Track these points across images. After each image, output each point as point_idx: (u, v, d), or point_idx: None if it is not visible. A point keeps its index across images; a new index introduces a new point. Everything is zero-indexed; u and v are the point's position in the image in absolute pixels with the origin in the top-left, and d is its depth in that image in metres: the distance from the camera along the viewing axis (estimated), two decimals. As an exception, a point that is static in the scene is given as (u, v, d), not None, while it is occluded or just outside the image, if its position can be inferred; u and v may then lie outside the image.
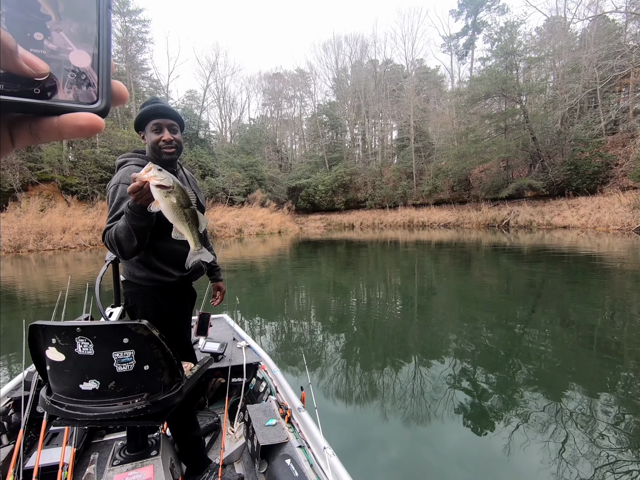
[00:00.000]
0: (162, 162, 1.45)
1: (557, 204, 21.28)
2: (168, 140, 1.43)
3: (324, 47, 43.87)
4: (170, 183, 1.04)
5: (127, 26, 31.34)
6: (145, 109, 1.44)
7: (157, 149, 1.45)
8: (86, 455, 1.81)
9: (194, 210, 1.12)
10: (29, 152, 20.16)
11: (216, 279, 1.91)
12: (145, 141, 1.49)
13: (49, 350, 1.13)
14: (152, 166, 1.04)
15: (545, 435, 2.39)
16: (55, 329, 1.11)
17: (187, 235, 1.12)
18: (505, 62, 23.30)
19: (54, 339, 1.11)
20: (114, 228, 1.24)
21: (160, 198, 1.04)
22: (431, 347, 4.22)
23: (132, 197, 1.10)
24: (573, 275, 8.00)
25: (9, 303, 6.96)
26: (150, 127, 1.43)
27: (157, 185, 1.03)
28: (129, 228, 1.18)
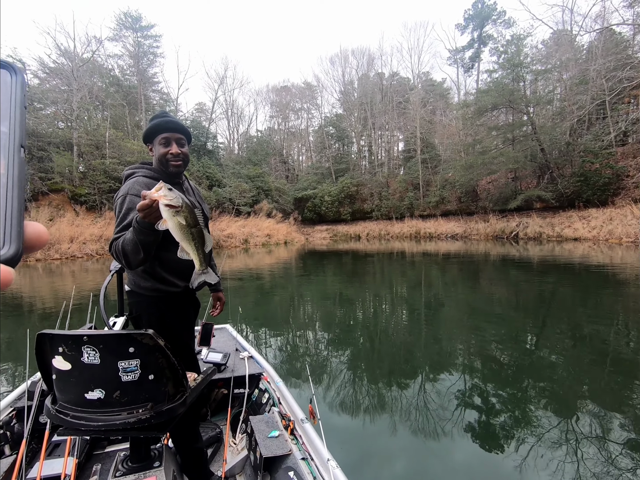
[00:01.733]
0: (168, 174, 1.50)
1: (567, 215, 20.94)
2: (176, 153, 1.47)
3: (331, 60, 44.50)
4: (179, 203, 1.05)
5: (139, 41, 32.19)
6: (154, 122, 1.48)
7: (164, 161, 1.48)
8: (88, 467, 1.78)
9: (201, 230, 1.13)
10: (40, 163, 20.54)
11: (216, 290, 1.89)
12: (153, 153, 1.52)
13: (55, 359, 1.13)
14: (163, 185, 1.06)
15: (559, 454, 2.27)
16: (62, 338, 1.11)
17: (192, 254, 1.14)
18: (512, 74, 23.32)
19: (60, 348, 1.11)
20: (121, 240, 1.25)
21: (169, 217, 1.06)
22: (438, 360, 4.11)
23: (140, 214, 1.10)
24: (585, 289, 7.78)
25: (15, 312, 6.95)
26: (159, 140, 1.47)
27: (166, 204, 1.04)
28: (136, 242, 1.18)
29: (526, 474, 2.13)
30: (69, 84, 23.76)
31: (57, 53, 25.35)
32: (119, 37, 31.86)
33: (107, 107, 27.22)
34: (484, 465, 2.27)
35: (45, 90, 24.64)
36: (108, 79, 29.98)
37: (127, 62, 33.22)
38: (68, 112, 23.22)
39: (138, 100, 30.74)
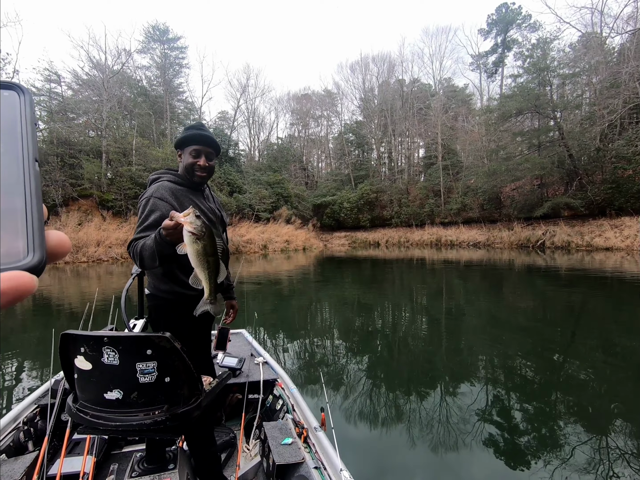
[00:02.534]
0: (192, 183, 1.58)
1: (597, 224, 20.01)
2: (203, 166, 1.55)
3: (352, 67, 44.54)
4: (202, 232, 1.10)
5: (165, 53, 33.44)
6: (190, 133, 1.55)
7: (190, 171, 1.55)
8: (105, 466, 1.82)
9: (218, 260, 1.18)
10: (71, 170, 21.49)
11: (230, 297, 1.90)
12: (181, 160, 1.59)
13: (77, 358, 1.16)
14: (192, 212, 1.11)
15: (588, 477, 2.13)
16: (84, 339, 1.14)
17: (204, 282, 1.19)
18: (538, 79, 22.68)
19: (82, 348, 1.14)
20: (140, 244, 1.30)
21: (189, 243, 1.11)
22: (460, 372, 3.96)
23: (164, 232, 1.16)
24: (617, 301, 7.36)
25: (43, 312, 7.23)
26: (190, 150, 1.54)
27: (189, 231, 1.09)
28: (153, 251, 1.24)
29: None
30: (99, 95, 24.88)
31: (90, 65, 26.68)
32: (147, 49, 33.23)
33: (135, 117, 28.30)
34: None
35: (78, 100, 25.88)
36: (136, 89, 31.22)
37: (154, 73, 34.52)
38: (98, 121, 24.26)
39: (164, 110, 31.81)
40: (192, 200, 1.55)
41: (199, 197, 1.61)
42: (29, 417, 1.97)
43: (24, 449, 1.88)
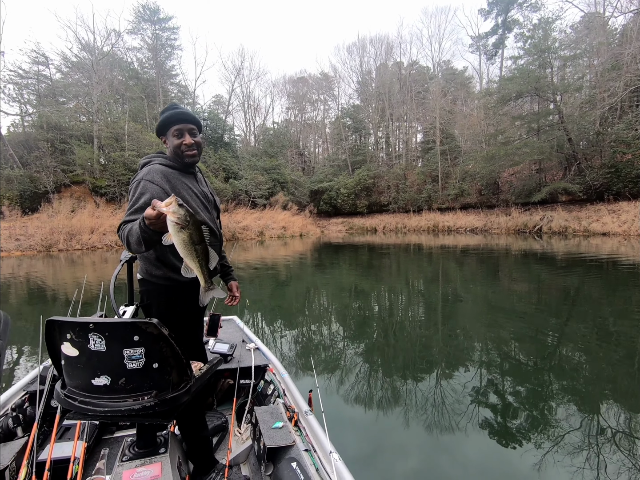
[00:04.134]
0: (184, 165, 1.54)
1: (595, 209, 19.95)
2: (189, 143, 1.51)
3: (349, 49, 43.48)
4: (185, 222, 1.08)
5: (157, 34, 32.40)
6: (166, 115, 1.52)
7: (179, 152, 1.52)
8: (97, 451, 1.83)
9: (206, 248, 1.17)
10: (62, 156, 21.05)
11: (232, 279, 1.89)
12: (167, 145, 1.56)
13: (64, 345, 1.16)
14: (174, 200, 1.07)
15: (579, 456, 2.19)
16: (70, 325, 1.14)
17: (197, 271, 1.18)
18: (538, 60, 22.21)
19: (68, 335, 1.14)
20: (128, 229, 1.27)
21: (174, 233, 1.09)
22: (455, 355, 3.99)
23: (147, 221, 1.12)
24: (613, 285, 7.38)
25: (36, 299, 7.16)
26: (172, 132, 1.51)
27: (173, 221, 1.07)
28: (139, 237, 1.20)
29: (544, 475, 2.06)
30: (89, 78, 24.19)
31: (79, 47, 25.86)
32: (138, 29, 32.17)
33: (127, 100, 27.64)
34: (499, 464, 2.21)
35: (68, 84, 25.18)
36: (127, 72, 30.38)
37: (145, 55, 33.54)
38: (89, 105, 23.66)
39: (156, 93, 31.05)
40: (184, 183, 1.52)
41: (191, 180, 1.58)
42: (18, 404, 1.96)
43: (13, 434, 1.87)
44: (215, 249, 1.21)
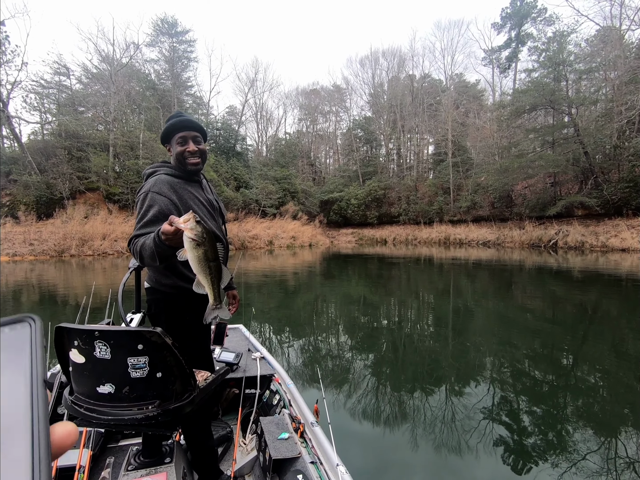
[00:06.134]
0: (188, 172, 1.53)
1: (613, 224, 19.36)
2: (193, 150, 1.50)
3: (361, 62, 43.91)
4: (202, 238, 1.09)
5: (174, 46, 33.28)
6: (170, 122, 1.52)
7: (182, 160, 1.51)
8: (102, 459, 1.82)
9: (220, 265, 1.18)
10: (79, 163, 21.54)
11: (231, 287, 1.90)
12: (171, 153, 1.55)
13: (71, 351, 1.16)
14: (192, 217, 1.09)
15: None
16: (78, 332, 1.14)
17: (207, 288, 1.18)
18: (553, 73, 21.98)
19: (76, 341, 1.14)
20: (140, 243, 1.27)
21: (189, 249, 1.10)
22: (466, 372, 3.86)
23: (162, 236, 1.13)
24: (632, 303, 7.03)
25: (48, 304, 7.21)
26: (176, 139, 1.50)
27: (189, 237, 1.08)
28: (153, 252, 1.21)
29: None
30: (107, 88, 24.88)
31: (98, 59, 26.68)
32: (156, 42, 33.11)
33: (143, 110, 28.30)
34: None
35: (87, 94, 25.94)
36: (144, 83, 31.18)
37: (162, 66, 34.42)
38: (106, 114, 24.27)
39: (172, 104, 31.74)
40: (190, 192, 1.50)
41: (196, 189, 1.57)
42: None
43: None
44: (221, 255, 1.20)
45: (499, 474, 2.23)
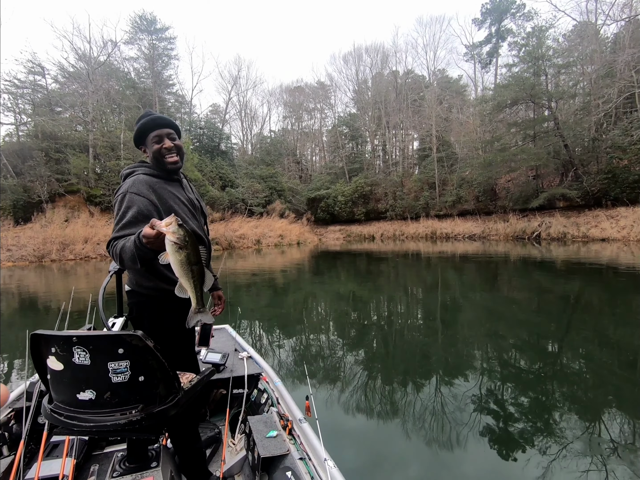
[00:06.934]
0: (167, 172, 1.50)
1: (593, 214, 19.90)
2: (169, 147, 1.47)
3: (344, 58, 43.82)
4: (184, 242, 1.08)
5: (153, 44, 32.54)
6: (142, 122, 1.48)
7: (160, 158, 1.48)
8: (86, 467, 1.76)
9: (202, 269, 1.17)
10: (57, 165, 20.88)
11: (216, 288, 1.86)
12: (147, 154, 1.52)
13: (49, 359, 1.14)
14: (174, 220, 1.08)
15: (583, 466, 2.14)
16: (55, 339, 1.12)
17: (190, 292, 1.17)
18: (533, 68, 22.37)
19: (53, 348, 1.12)
20: (120, 246, 1.24)
21: (171, 252, 1.09)
22: (455, 364, 3.94)
23: (144, 239, 1.11)
24: (613, 292, 7.26)
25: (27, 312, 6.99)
26: (151, 139, 1.47)
27: (171, 241, 1.07)
28: (134, 254, 1.18)
29: None
30: (85, 87, 24.17)
31: (75, 57, 25.87)
32: (135, 40, 32.29)
33: (123, 110, 27.59)
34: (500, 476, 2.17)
35: (64, 94, 25.14)
36: (124, 81, 30.41)
37: (142, 64, 33.64)
38: (85, 114, 23.59)
39: (153, 103, 31.07)
40: (170, 191, 1.47)
41: (177, 188, 1.54)
42: (3, 422, 1.90)
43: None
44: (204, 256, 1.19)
45: (489, 461, 2.28)
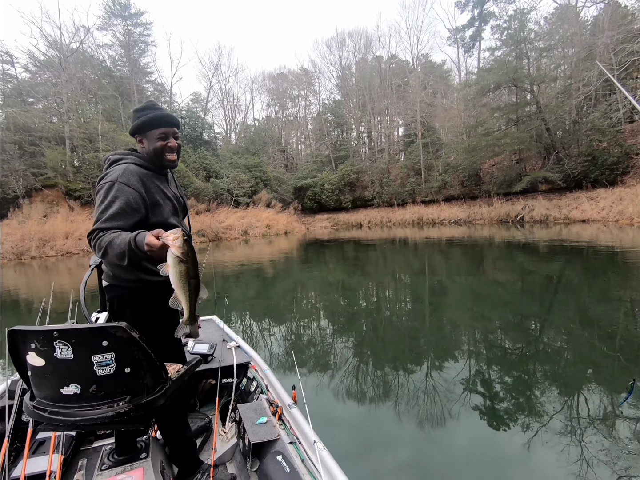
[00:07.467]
0: (160, 167, 1.51)
1: (574, 197, 20.35)
2: (174, 146, 1.49)
3: (327, 44, 43.01)
4: (187, 256, 1.12)
5: (128, 30, 31.28)
6: (150, 116, 1.44)
7: (161, 155, 1.47)
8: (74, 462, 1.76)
9: (199, 283, 1.21)
10: (32, 159, 20.09)
11: None
12: (144, 145, 1.48)
13: (29, 355, 1.12)
14: (180, 235, 1.10)
15: (564, 438, 2.25)
16: (34, 334, 1.10)
17: (184, 304, 1.19)
18: (515, 51, 22.43)
19: (33, 344, 1.10)
20: (108, 240, 1.21)
21: (173, 264, 1.12)
22: (443, 346, 4.02)
23: (146, 247, 1.13)
24: (593, 271, 7.50)
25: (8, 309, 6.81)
26: (157, 134, 1.45)
27: (175, 255, 1.10)
28: (124, 253, 1.17)
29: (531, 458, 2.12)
30: (58, 76, 23.15)
31: (45, 44, 24.68)
32: (108, 25, 30.93)
33: (100, 99, 26.61)
34: (489, 449, 2.25)
35: (35, 83, 24.05)
36: (99, 70, 29.24)
37: (117, 52, 32.34)
38: (59, 105, 22.65)
39: (131, 92, 30.04)
40: (157, 186, 1.47)
41: (163, 182, 1.53)
42: None
43: None
44: None
45: (479, 437, 2.36)
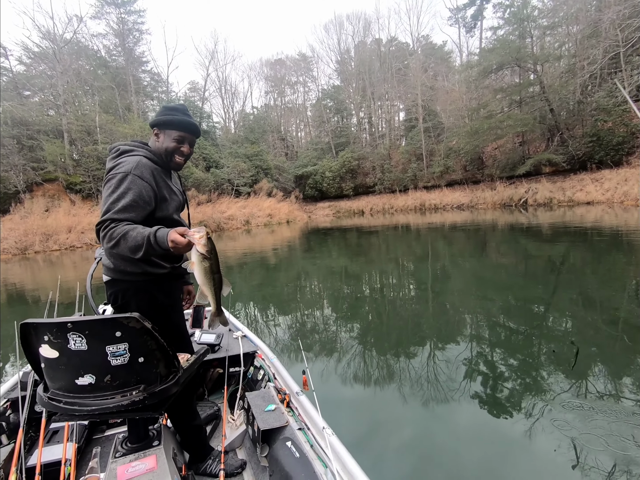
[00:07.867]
0: (167, 165, 1.53)
1: (578, 178, 20.09)
2: (187, 152, 1.53)
3: (326, 27, 42.38)
4: (211, 253, 1.19)
5: (122, 18, 30.68)
6: (178, 117, 1.48)
7: (171, 155, 1.51)
8: (88, 451, 1.81)
9: (222, 277, 1.28)
10: (31, 153, 20.00)
11: (186, 282, 1.84)
12: (158, 140, 1.50)
13: (42, 347, 1.14)
14: (205, 233, 1.17)
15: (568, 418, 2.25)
16: (47, 326, 1.11)
17: (211, 299, 1.28)
18: (518, 30, 21.86)
19: (46, 336, 1.12)
20: (122, 231, 1.22)
21: (197, 261, 1.20)
22: (447, 330, 4.03)
23: (171, 244, 1.16)
24: (597, 254, 7.44)
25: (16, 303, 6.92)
26: (175, 135, 1.48)
27: (200, 252, 1.17)
28: (141, 247, 1.20)
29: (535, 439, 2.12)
30: (53, 68, 22.84)
31: (39, 35, 24.28)
32: (101, 14, 30.29)
33: (96, 91, 26.30)
34: (493, 431, 2.27)
35: (31, 76, 23.76)
36: (94, 60, 28.84)
37: (112, 41, 31.79)
38: (55, 97, 22.42)
39: (127, 82, 29.65)
40: (165, 181, 1.50)
41: (169, 178, 1.57)
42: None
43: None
44: None
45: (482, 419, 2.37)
